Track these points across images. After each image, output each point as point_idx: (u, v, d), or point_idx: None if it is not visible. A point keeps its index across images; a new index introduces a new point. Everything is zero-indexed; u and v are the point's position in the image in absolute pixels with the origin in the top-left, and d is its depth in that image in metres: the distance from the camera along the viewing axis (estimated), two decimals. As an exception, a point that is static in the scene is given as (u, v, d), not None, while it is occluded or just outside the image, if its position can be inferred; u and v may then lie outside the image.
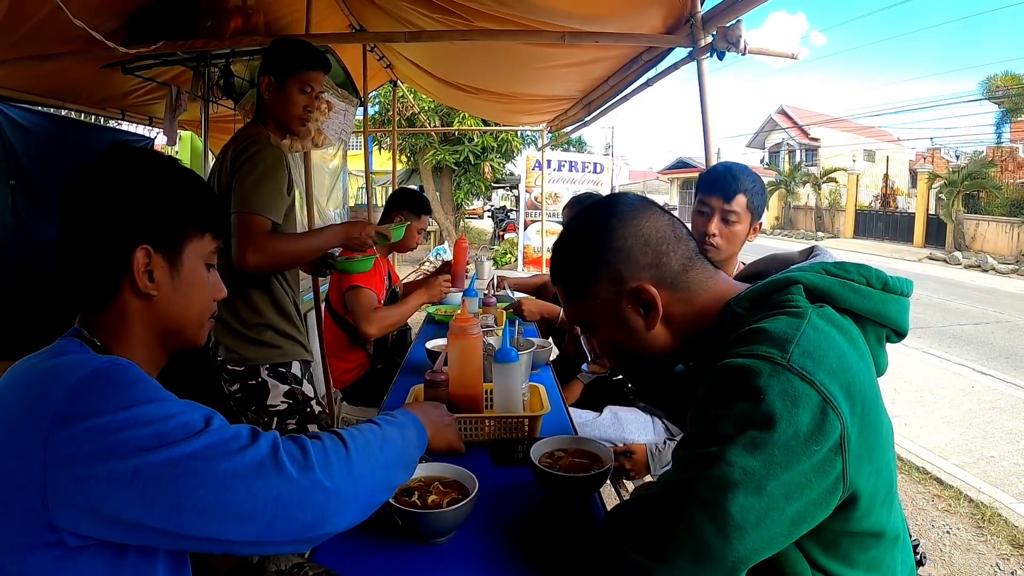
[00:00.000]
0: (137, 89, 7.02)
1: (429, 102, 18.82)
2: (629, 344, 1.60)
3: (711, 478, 1.25)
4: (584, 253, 1.59)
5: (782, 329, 1.33)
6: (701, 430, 1.32)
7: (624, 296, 1.55)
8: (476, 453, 2.45)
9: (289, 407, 3.20)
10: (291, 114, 3.30)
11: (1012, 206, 28.63)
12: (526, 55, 5.86)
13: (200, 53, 5.46)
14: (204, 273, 1.58)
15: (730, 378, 1.30)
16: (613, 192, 1.82)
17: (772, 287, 1.49)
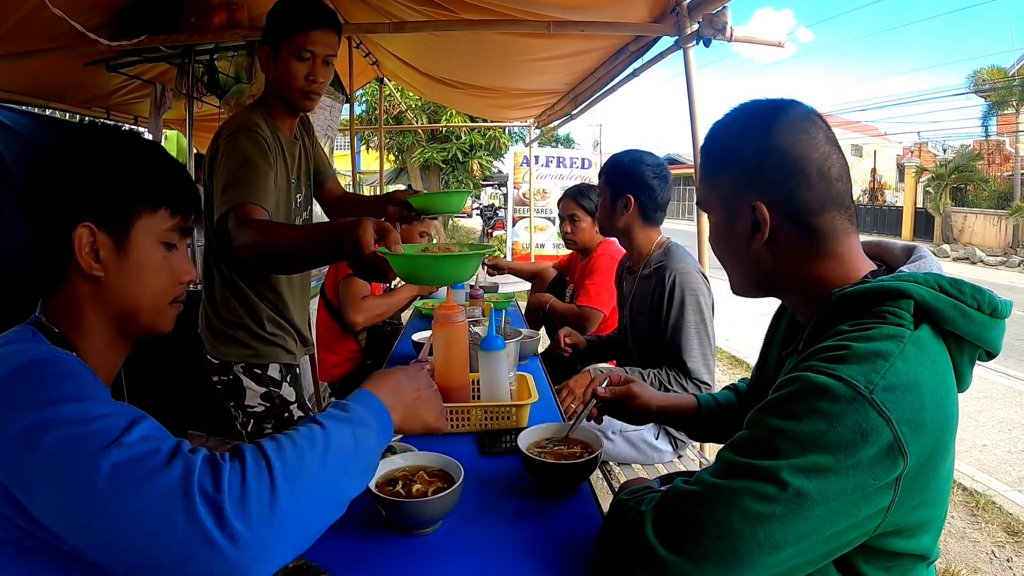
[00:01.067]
0: (122, 87, 6.99)
1: (416, 99, 18.82)
2: (730, 247, 1.59)
3: (762, 493, 1.22)
4: (728, 141, 1.56)
5: (873, 354, 1.26)
6: (761, 438, 1.28)
7: (740, 204, 1.51)
8: (463, 442, 2.41)
9: (266, 410, 2.99)
10: (291, 88, 2.81)
11: (999, 198, 28.81)
12: (512, 47, 5.83)
13: (184, 50, 5.40)
14: (160, 253, 1.46)
15: (806, 393, 1.25)
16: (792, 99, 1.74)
17: (881, 294, 1.38)
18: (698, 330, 3.21)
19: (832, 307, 1.44)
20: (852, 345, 1.29)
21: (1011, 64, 31.26)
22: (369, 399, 1.45)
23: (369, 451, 1.36)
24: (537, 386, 2.71)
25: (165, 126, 8.43)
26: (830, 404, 1.22)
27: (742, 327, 11.06)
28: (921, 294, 1.35)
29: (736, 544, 1.22)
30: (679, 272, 3.25)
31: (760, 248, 1.51)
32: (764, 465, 1.23)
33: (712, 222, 1.63)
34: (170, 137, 11.06)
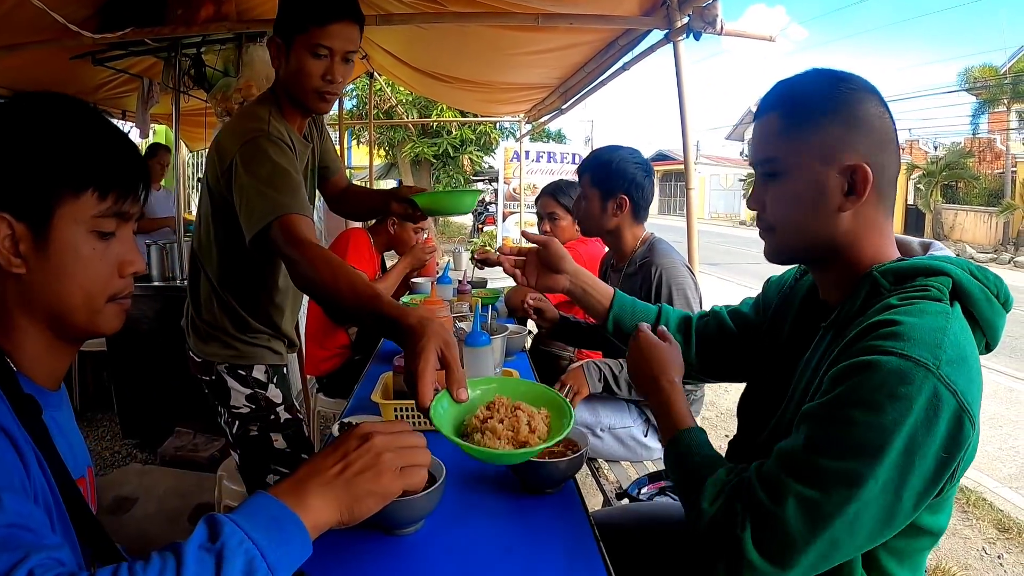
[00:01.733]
0: (109, 82, 6.96)
1: (407, 94, 18.81)
2: (808, 209, 1.53)
3: (857, 498, 1.26)
4: (826, 97, 1.49)
5: (931, 329, 1.32)
6: (845, 438, 1.29)
7: (838, 163, 1.48)
8: (446, 441, 2.32)
9: (252, 412, 2.83)
10: (306, 88, 2.53)
11: (990, 196, 28.90)
12: (501, 41, 5.81)
13: (171, 43, 5.34)
14: (90, 244, 1.26)
15: (882, 379, 1.27)
16: None
17: (922, 271, 1.45)
18: None
19: (874, 282, 1.47)
20: (905, 320, 1.33)
21: (1003, 62, 31.34)
22: (262, 504, 1.12)
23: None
24: (523, 381, 2.68)
25: (153, 120, 8.40)
26: (907, 387, 1.25)
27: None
28: (957, 274, 1.43)
29: (835, 552, 1.30)
30: (665, 267, 3.18)
31: (847, 212, 1.50)
32: (857, 472, 1.26)
33: (787, 181, 1.55)
34: (158, 132, 11.02)
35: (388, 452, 1.24)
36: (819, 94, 1.50)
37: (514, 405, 1.65)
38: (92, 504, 1.39)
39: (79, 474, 1.33)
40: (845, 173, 1.47)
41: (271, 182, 2.29)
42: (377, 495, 1.21)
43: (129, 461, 5.36)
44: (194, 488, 4.61)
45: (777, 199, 1.58)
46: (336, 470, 1.19)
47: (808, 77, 1.56)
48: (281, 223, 2.20)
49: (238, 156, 2.39)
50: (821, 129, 1.48)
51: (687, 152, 4.23)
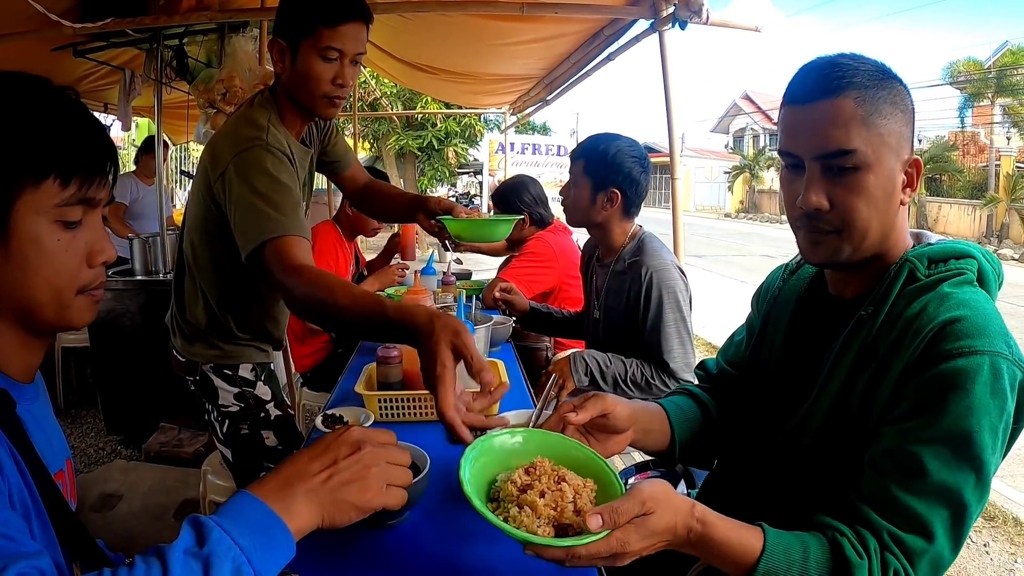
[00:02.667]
0: (91, 74, 6.92)
1: (391, 86, 18.75)
2: (882, 208, 1.47)
3: (984, 496, 1.33)
4: (889, 88, 1.45)
5: (993, 319, 1.37)
6: (971, 448, 1.31)
7: (902, 155, 1.47)
8: (431, 431, 2.33)
9: (241, 410, 2.76)
10: (314, 93, 2.40)
11: (974, 189, 29.15)
12: (486, 31, 5.79)
13: (153, 34, 5.30)
14: (54, 235, 1.18)
15: (984, 383, 1.30)
16: None
17: (951, 253, 1.49)
18: (678, 328, 3.11)
19: (912, 270, 1.49)
20: (970, 315, 1.36)
21: (987, 56, 31.51)
22: (247, 507, 1.11)
23: None
24: (509, 372, 2.67)
25: (135, 113, 8.35)
26: (1001, 382, 1.31)
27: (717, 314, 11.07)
28: (979, 257, 1.49)
29: (965, 529, 1.33)
30: (656, 268, 3.13)
31: (904, 205, 1.52)
32: (983, 472, 1.32)
33: (869, 174, 1.45)
34: (141, 125, 10.98)
35: (375, 467, 1.23)
36: (879, 81, 1.44)
37: (558, 474, 1.42)
38: (72, 497, 1.37)
39: (57, 467, 1.30)
40: (905, 165, 1.48)
41: (268, 198, 2.19)
42: (359, 508, 1.20)
43: (114, 458, 5.32)
44: (179, 484, 4.58)
45: (855, 196, 1.46)
46: (323, 476, 1.18)
47: (859, 60, 1.48)
48: (275, 245, 2.12)
49: (232, 166, 2.28)
50: (891, 118, 1.44)
51: (672, 142, 4.22)
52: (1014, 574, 4.35)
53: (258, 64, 5.10)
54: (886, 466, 1.35)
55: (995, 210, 26.95)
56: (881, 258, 1.53)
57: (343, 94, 2.42)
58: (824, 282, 1.73)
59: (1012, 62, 29.34)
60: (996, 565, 4.42)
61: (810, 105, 1.47)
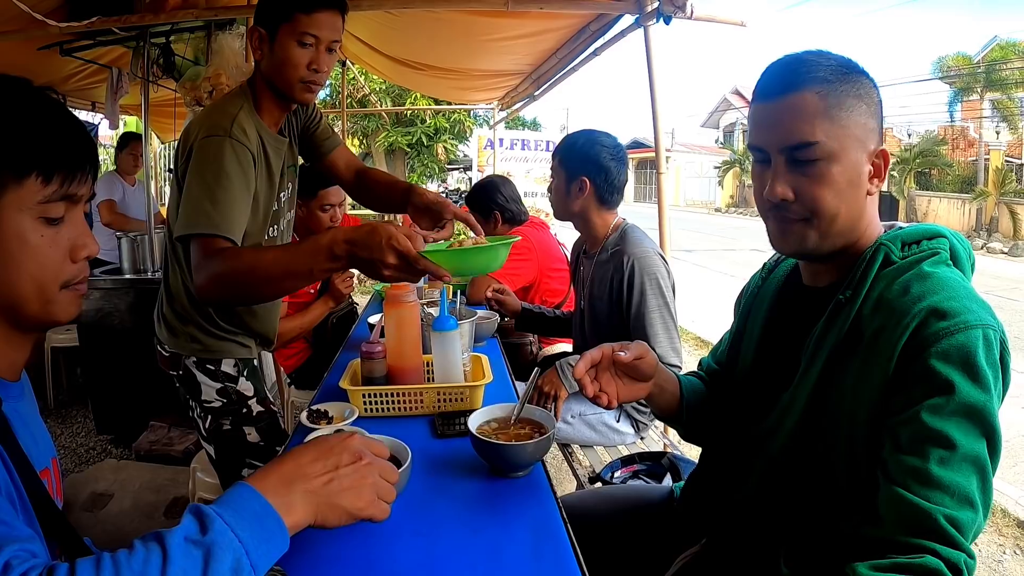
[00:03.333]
0: (78, 72, 6.90)
1: (380, 83, 18.74)
2: (846, 198, 1.51)
3: (993, 452, 1.35)
4: (853, 81, 1.48)
5: (975, 295, 1.41)
6: (981, 421, 1.33)
7: (868, 147, 1.50)
8: (416, 425, 2.37)
9: (223, 406, 2.79)
10: (291, 78, 2.45)
11: (963, 183, 29.20)
12: (473, 27, 5.79)
13: (140, 32, 5.29)
14: (38, 231, 1.19)
15: (983, 353, 1.34)
16: None
17: (923, 234, 1.52)
18: (662, 314, 3.15)
19: (887, 253, 1.50)
20: (954, 294, 1.39)
21: (976, 51, 31.55)
22: (248, 500, 1.14)
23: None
24: (493, 367, 2.68)
25: (123, 112, 8.33)
26: (992, 352, 1.35)
27: (707, 308, 11.09)
28: (949, 236, 1.52)
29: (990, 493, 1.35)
30: (637, 256, 3.17)
31: (872, 195, 1.55)
32: (994, 439, 1.34)
33: (832, 165, 1.48)
34: (129, 123, 10.94)
35: (371, 478, 1.29)
36: (844, 75, 1.48)
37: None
38: (58, 496, 1.37)
39: (43, 465, 1.30)
40: (871, 156, 1.50)
41: (211, 192, 2.26)
42: (351, 514, 1.25)
43: (104, 457, 5.31)
44: (169, 482, 4.58)
45: (819, 187, 1.50)
46: (325, 479, 1.23)
47: (825, 56, 1.52)
48: (202, 242, 2.21)
49: (196, 146, 2.36)
50: (855, 111, 1.47)
51: (658, 136, 4.25)
52: (1002, 565, 4.36)
53: (244, 61, 5.09)
54: (917, 448, 1.34)
55: (984, 204, 27.00)
56: (851, 248, 1.55)
57: (319, 80, 2.48)
58: (800, 276, 1.75)
59: (1001, 57, 29.37)
60: (984, 556, 4.41)
61: (774, 101, 1.52)
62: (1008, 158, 28.31)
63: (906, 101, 41.43)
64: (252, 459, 2.78)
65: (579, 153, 3.29)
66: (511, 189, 4.86)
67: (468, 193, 4.95)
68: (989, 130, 30.35)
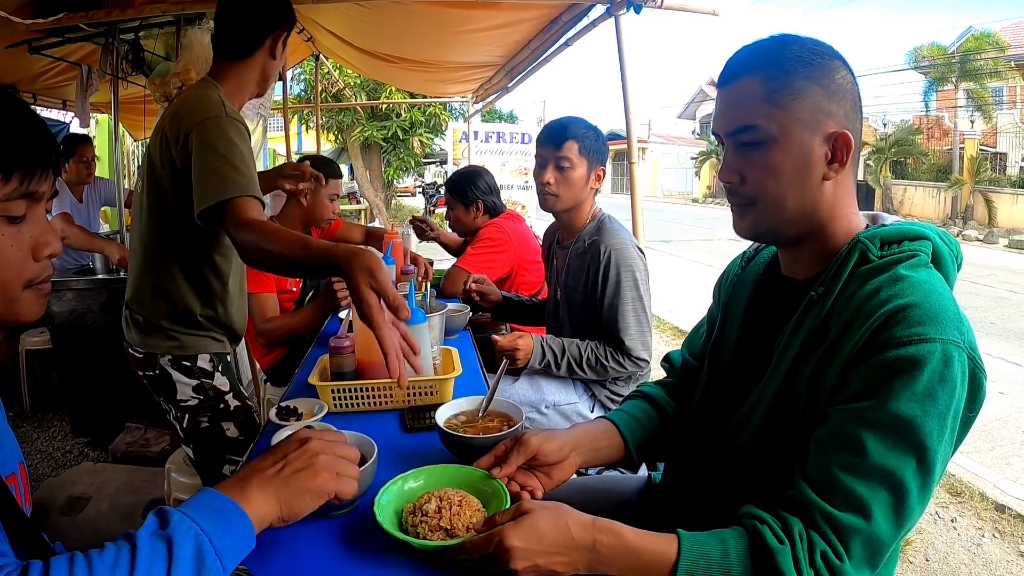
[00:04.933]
0: (48, 70, 6.85)
1: (355, 77, 18.68)
2: (794, 179, 1.50)
3: (931, 482, 1.32)
4: (805, 62, 1.47)
5: (947, 305, 1.35)
6: (916, 432, 1.30)
7: (820, 131, 1.47)
8: (386, 419, 2.37)
9: (200, 403, 2.82)
10: (270, 75, 2.82)
11: (938, 172, 29.42)
12: (445, 19, 5.77)
13: (109, 28, 5.24)
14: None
15: (932, 371, 1.30)
16: None
17: (905, 234, 1.48)
18: (635, 307, 3.15)
19: (863, 250, 1.47)
20: (923, 302, 1.34)
21: (951, 42, 31.74)
22: (208, 497, 1.20)
23: (190, 572, 1.07)
24: (464, 360, 2.67)
25: (94, 110, 8.26)
26: (952, 370, 1.30)
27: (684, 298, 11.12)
28: (934, 237, 1.48)
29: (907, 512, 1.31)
30: (615, 247, 3.17)
31: (830, 181, 1.51)
32: (929, 458, 1.30)
33: (773, 150, 1.50)
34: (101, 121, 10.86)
35: (323, 455, 1.35)
36: (797, 59, 1.47)
37: (450, 497, 1.55)
38: (26, 502, 1.36)
39: (9, 471, 1.29)
40: (828, 141, 1.47)
41: (229, 160, 2.36)
42: (312, 492, 1.31)
43: (81, 460, 5.26)
44: (147, 484, 4.55)
45: (761, 170, 1.52)
46: (276, 469, 1.30)
47: (782, 41, 1.52)
48: (235, 204, 2.29)
49: (195, 132, 2.44)
50: (804, 94, 1.46)
51: (629, 127, 4.25)
52: (981, 548, 4.40)
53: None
54: (829, 446, 1.35)
55: (959, 192, 27.20)
56: (822, 237, 1.55)
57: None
58: (779, 266, 1.74)
59: (976, 47, 29.54)
60: (964, 540, 4.48)
61: (724, 87, 1.57)
62: (983, 147, 28.51)
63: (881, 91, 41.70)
64: (232, 455, 2.81)
65: (602, 143, 3.29)
66: (491, 180, 4.90)
67: (449, 181, 5.01)
68: (964, 119, 30.54)
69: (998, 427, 6.48)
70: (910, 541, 4.32)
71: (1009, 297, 12.48)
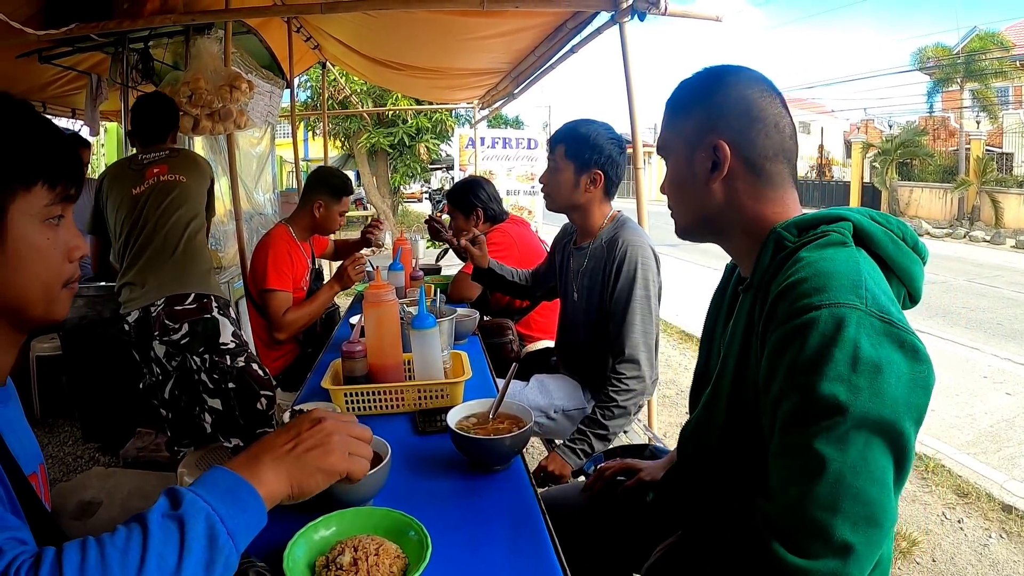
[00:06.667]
0: (57, 79, 6.88)
1: (361, 84, 18.70)
2: (685, 186, 1.69)
3: (852, 447, 1.25)
4: (695, 88, 1.68)
5: (846, 272, 1.34)
6: (816, 401, 1.26)
7: (702, 144, 1.61)
8: (398, 422, 2.41)
9: (236, 346, 3.22)
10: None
11: (944, 173, 29.28)
12: (451, 27, 5.81)
13: (118, 37, 5.29)
14: (43, 235, 1.25)
15: (821, 335, 1.28)
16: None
17: (821, 219, 1.51)
18: (643, 307, 3.10)
19: (778, 238, 1.53)
20: (820, 270, 1.35)
21: (955, 42, 31.63)
22: (218, 476, 1.18)
23: (202, 551, 1.06)
24: (473, 364, 2.70)
25: (103, 118, 8.30)
26: (847, 331, 1.26)
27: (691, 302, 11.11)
28: (857, 219, 1.49)
29: (874, 509, 1.26)
30: (632, 243, 3.16)
31: (716, 185, 1.62)
32: (839, 424, 1.24)
33: (670, 165, 1.73)
34: (110, 129, 10.91)
35: (337, 435, 1.33)
36: (690, 87, 1.70)
37: (362, 544, 1.52)
38: (46, 501, 1.38)
39: (31, 470, 1.32)
40: (708, 151, 1.60)
41: None
42: (325, 472, 1.29)
43: (91, 465, 5.29)
44: (157, 488, 4.52)
45: (667, 182, 1.76)
46: (288, 447, 1.28)
47: (692, 76, 1.72)
48: None
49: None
50: (688, 116, 1.66)
51: (635, 132, 4.27)
52: (988, 549, 4.41)
53: (223, 65, 5.09)
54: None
55: (966, 193, 27.12)
56: (750, 235, 1.63)
57: None
58: None
59: (980, 47, 29.47)
60: (971, 541, 4.49)
61: None
62: (988, 147, 28.42)
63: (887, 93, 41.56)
64: (263, 389, 3.30)
65: (592, 145, 3.23)
66: (492, 189, 5.02)
67: (449, 192, 5.16)
68: (969, 120, 30.46)
69: (1005, 428, 6.49)
70: (917, 542, 4.33)
71: (1016, 297, 12.49)
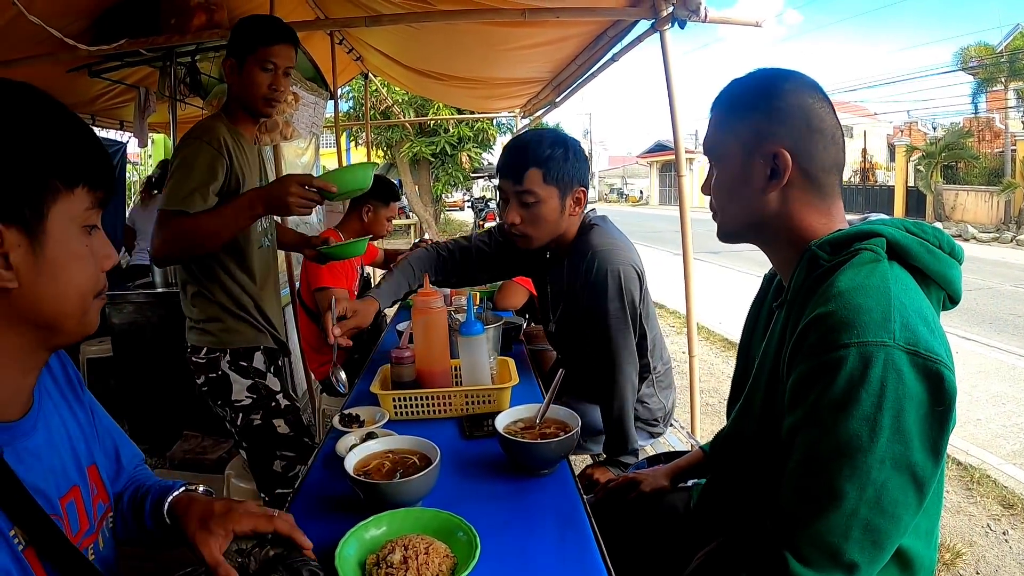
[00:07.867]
0: (106, 93, 6.97)
1: (403, 94, 18.80)
2: (738, 191, 1.67)
3: (868, 483, 1.30)
4: (753, 92, 1.64)
5: (876, 304, 1.34)
6: (837, 439, 1.31)
7: (759, 150, 1.59)
8: (446, 427, 2.44)
9: (253, 402, 3.08)
10: (255, 96, 3.00)
11: (990, 175, 28.76)
12: (491, 37, 5.86)
13: (166, 52, 5.38)
14: (82, 241, 1.19)
15: (848, 376, 1.30)
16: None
17: (855, 236, 1.50)
18: (617, 323, 2.77)
19: (812, 256, 1.53)
20: (849, 303, 1.35)
21: (999, 40, 31.22)
22: None
23: None
24: (519, 370, 2.72)
25: (151, 130, 8.43)
26: (874, 370, 1.28)
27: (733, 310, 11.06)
28: (890, 232, 1.48)
29: (882, 537, 1.34)
30: (598, 250, 2.79)
31: (774, 194, 1.60)
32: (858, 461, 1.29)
33: (722, 167, 1.71)
34: (157, 141, 11.06)
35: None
36: (748, 90, 1.66)
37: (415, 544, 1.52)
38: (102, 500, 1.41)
39: (65, 490, 1.30)
40: (767, 158, 1.58)
41: (176, 181, 2.80)
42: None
43: (139, 466, 5.35)
44: (204, 491, 4.64)
45: (716, 184, 1.74)
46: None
47: (747, 77, 1.70)
48: (161, 214, 2.78)
49: (177, 150, 3.00)
50: (744, 119, 1.63)
51: (677, 139, 4.28)
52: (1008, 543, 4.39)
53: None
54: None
55: (1013, 196, 26.60)
56: (793, 244, 1.62)
57: (277, 97, 3.07)
58: None
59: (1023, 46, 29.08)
60: (1015, 553, 4.41)
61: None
62: (1035, 148, 27.97)
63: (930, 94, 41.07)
64: (283, 450, 3.10)
65: (567, 159, 2.81)
66: None
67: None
68: (1015, 120, 29.99)
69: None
70: (961, 553, 4.28)
71: (1065, 303, 12.32)
